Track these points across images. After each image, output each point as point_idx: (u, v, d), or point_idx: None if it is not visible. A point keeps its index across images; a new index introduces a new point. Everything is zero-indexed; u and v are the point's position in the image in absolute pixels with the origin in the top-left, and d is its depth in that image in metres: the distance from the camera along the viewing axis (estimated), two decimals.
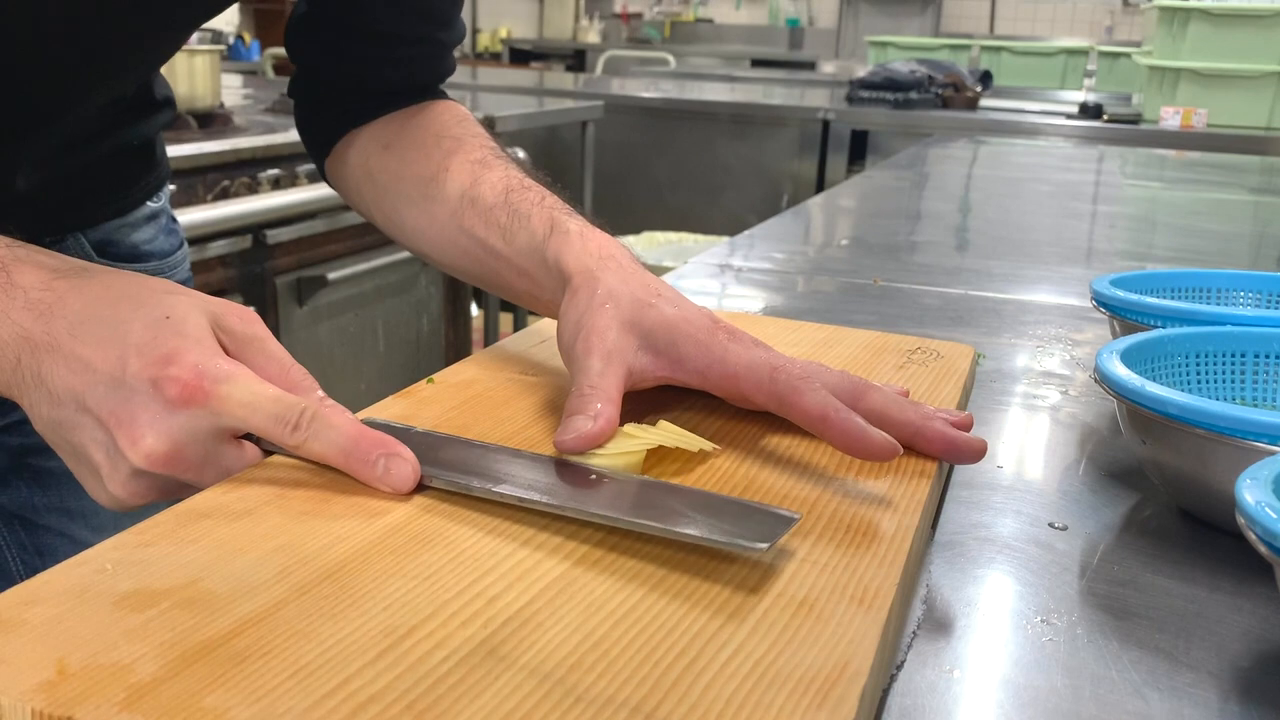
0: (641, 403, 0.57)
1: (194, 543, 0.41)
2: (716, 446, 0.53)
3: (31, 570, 0.76)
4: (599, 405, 0.51)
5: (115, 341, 0.47)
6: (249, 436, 0.49)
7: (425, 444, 0.50)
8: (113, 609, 0.37)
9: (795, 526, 0.44)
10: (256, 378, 0.48)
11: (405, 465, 0.46)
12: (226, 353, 0.48)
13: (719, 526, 0.43)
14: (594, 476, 0.48)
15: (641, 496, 0.46)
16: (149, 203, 0.79)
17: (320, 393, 0.50)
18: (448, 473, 0.47)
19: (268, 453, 0.49)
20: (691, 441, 0.52)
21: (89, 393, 0.46)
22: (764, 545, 0.41)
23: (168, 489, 0.48)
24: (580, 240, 0.60)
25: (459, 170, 0.67)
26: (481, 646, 0.36)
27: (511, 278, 0.64)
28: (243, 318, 0.50)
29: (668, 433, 0.52)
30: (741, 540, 0.41)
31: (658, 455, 0.51)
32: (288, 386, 0.49)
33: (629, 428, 0.52)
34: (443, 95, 0.75)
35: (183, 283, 0.83)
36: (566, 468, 0.49)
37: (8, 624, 0.35)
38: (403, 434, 0.50)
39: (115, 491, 0.47)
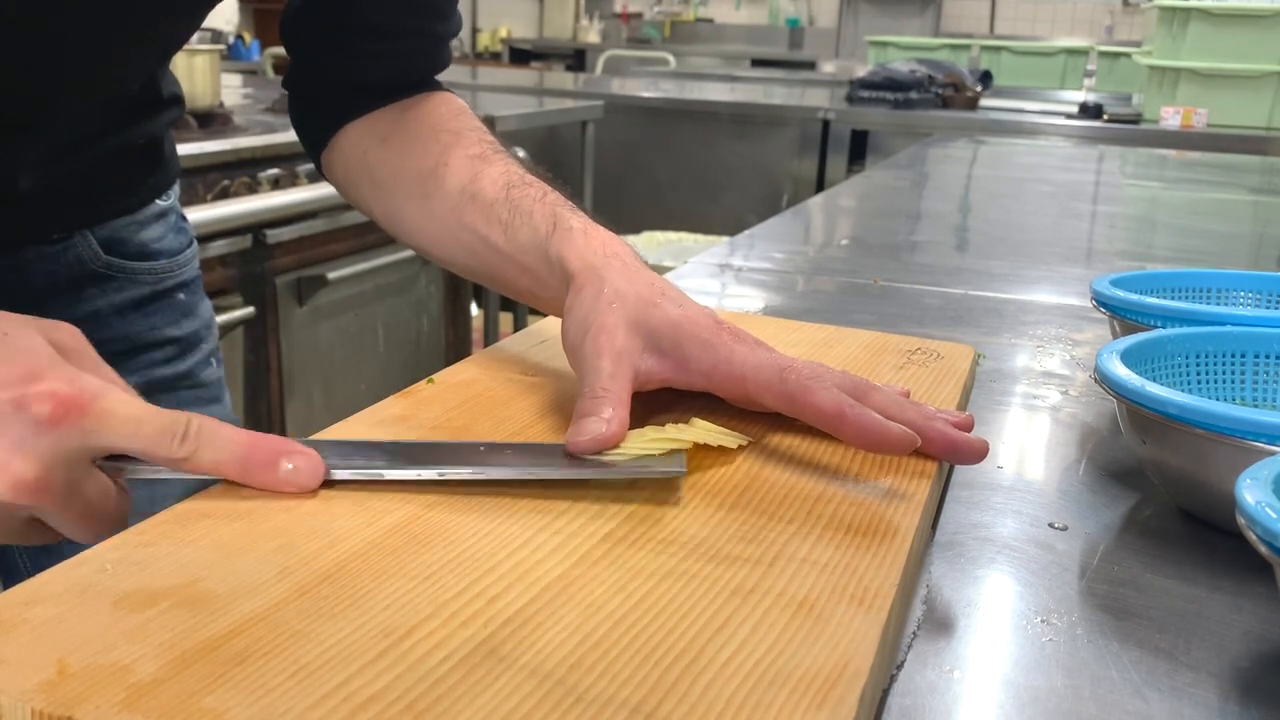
0: (643, 404, 0.57)
1: (194, 543, 0.41)
2: (750, 439, 0.54)
3: (39, 567, 0.75)
4: (611, 409, 0.51)
5: None
6: (111, 461, 0.45)
7: (314, 445, 0.48)
8: (113, 609, 0.37)
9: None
10: (129, 391, 0.45)
11: (309, 462, 0.45)
12: None
13: (634, 468, 0.48)
14: (482, 449, 0.51)
15: (558, 457, 0.50)
16: (158, 201, 0.79)
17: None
18: (353, 462, 0.47)
19: (119, 486, 0.46)
20: (729, 439, 0.53)
21: None
22: (680, 469, 0.48)
23: (20, 532, 0.44)
24: (584, 237, 0.60)
25: (458, 165, 0.67)
26: (481, 646, 0.36)
27: (513, 274, 0.64)
28: (70, 333, 0.47)
29: (704, 430, 0.53)
30: (661, 467, 0.48)
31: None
32: None
33: (670, 428, 0.53)
34: (439, 87, 0.75)
35: (192, 281, 0.83)
36: (455, 447, 0.51)
37: (8, 624, 0.35)
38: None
39: None
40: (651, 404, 0.58)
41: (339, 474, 0.46)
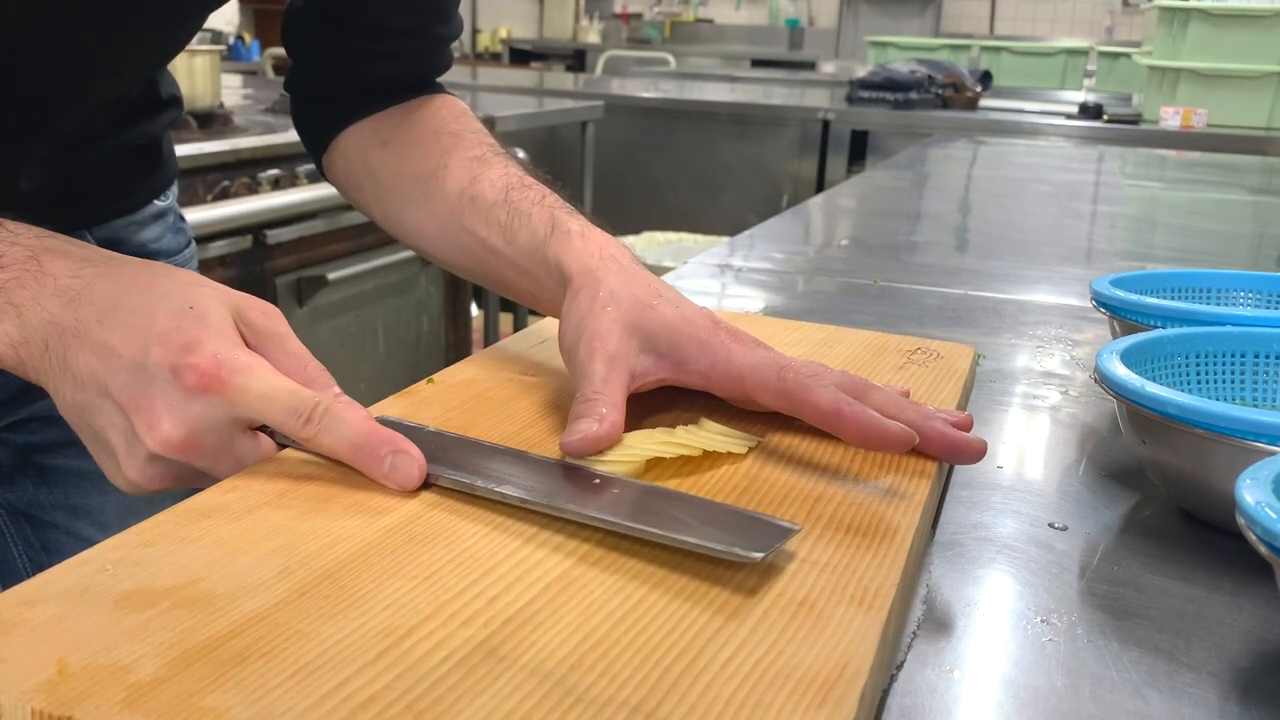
0: (643, 404, 0.57)
1: (194, 543, 0.41)
2: (759, 440, 0.54)
3: (38, 566, 0.76)
4: (604, 410, 0.51)
5: (139, 329, 0.47)
6: (265, 430, 0.49)
7: (435, 443, 0.50)
8: (113, 609, 0.37)
9: (793, 537, 0.43)
10: (274, 370, 0.48)
11: (412, 463, 0.47)
12: (247, 345, 0.49)
13: (716, 535, 0.42)
14: (597, 481, 0.48)
15: (643, 502, 0.46)
16: (156, 201, 0.79)
17: (336, 389, 0.51)
18: (453, 471, 0.47)
19: (282, 446, 0.49)
20: (738, 444, 0.53)
21: (111, 378, 0.47)
22: (759, 554, 0.41)
23: (183, 476, 0.49)
24: (581, 240, 0.60)
25: (458, 167, 0.67)
26: (481, 646, 0.36)
27: (512, 276, 0.64)
28: (265, 312, 0.51)
29: (713, 434, 0.53)
30: (737, 548, 0.41)
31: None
32: (304, 382, 0.49)
33: (679, 430, 0.53)
34: (440, 89, 0.75)
35: None
36: (571, 471, 0.49)
37: (8, 624, 0.35)
38: (414, 432, 0.51)
39: (130, 475, 0.48)
40: (651, 403, 0.58)
41: (440, 481, 0.47)
